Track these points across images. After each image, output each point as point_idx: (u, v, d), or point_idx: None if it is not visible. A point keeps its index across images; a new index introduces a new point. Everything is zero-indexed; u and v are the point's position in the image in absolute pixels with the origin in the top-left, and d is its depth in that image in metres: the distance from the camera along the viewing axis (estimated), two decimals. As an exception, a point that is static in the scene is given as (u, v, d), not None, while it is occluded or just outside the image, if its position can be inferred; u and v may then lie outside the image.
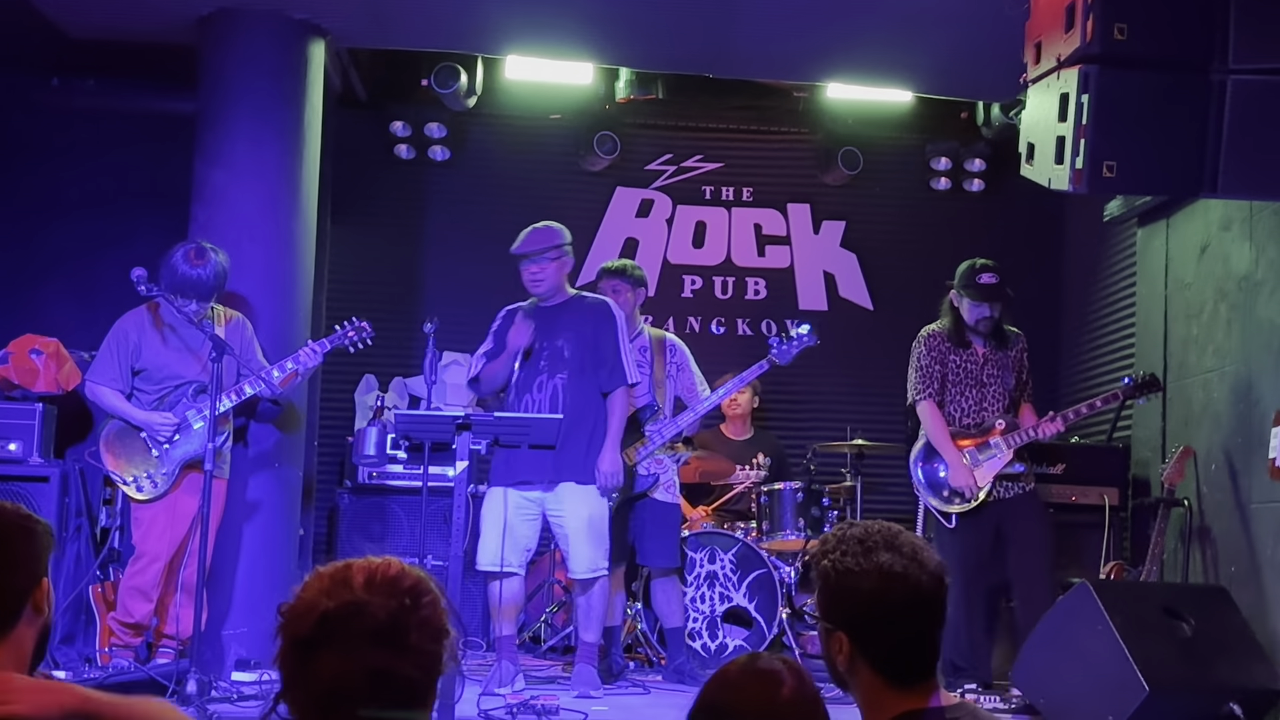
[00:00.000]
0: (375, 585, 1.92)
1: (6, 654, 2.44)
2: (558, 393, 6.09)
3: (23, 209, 8.29)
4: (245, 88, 6.62)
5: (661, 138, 9.10)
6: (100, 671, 5.57)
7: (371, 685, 1.87)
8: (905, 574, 2.35)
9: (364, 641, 1.87)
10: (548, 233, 6.26)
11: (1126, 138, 4.44)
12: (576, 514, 6.04)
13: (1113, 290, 8.25)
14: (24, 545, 2.48)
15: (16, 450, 6.25)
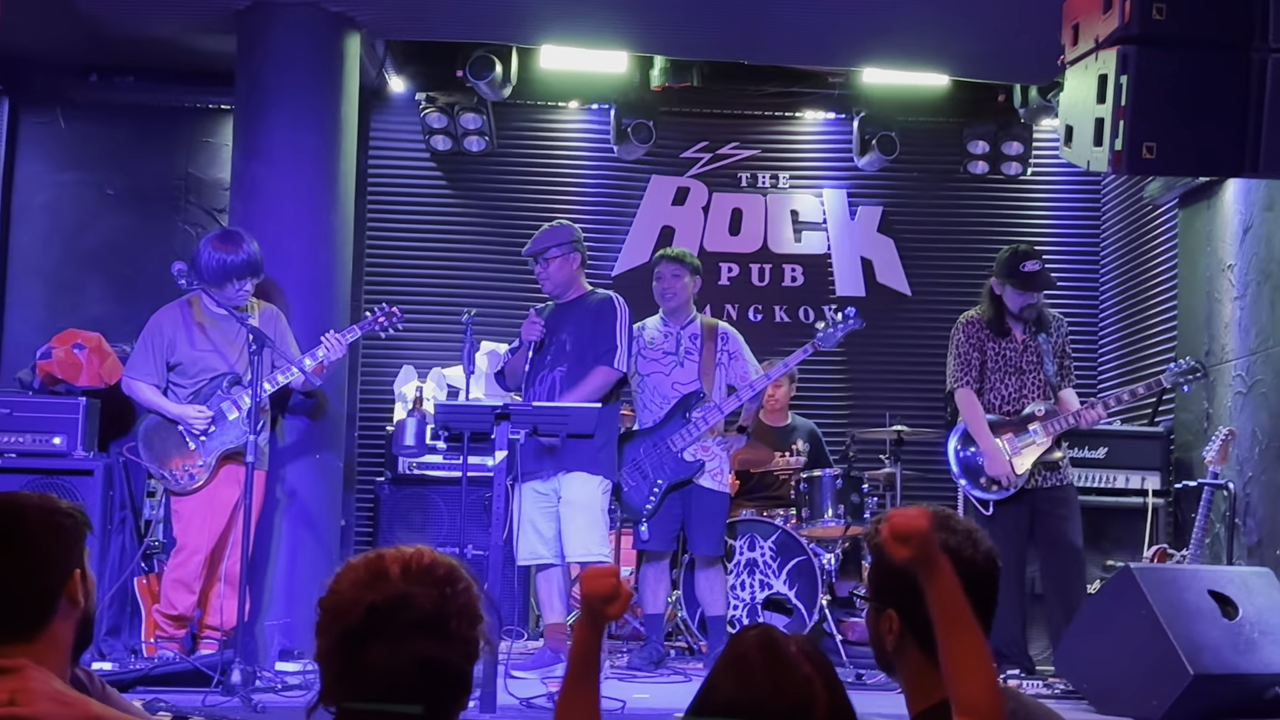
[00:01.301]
0: (413, 576, 1.93)
1: (45, 649, 2.45)
2: (555, 385, 6.17)
3: (64, 205, 8.37)
4: (282, 81, 6.64)
5: (697, 125, 9.08)
6: (146, 663, 5.62)
7: (419, 675, 1.89)
8: (959, 553, 2.34)
9: (411, 632, 1.89)
10: (550, 233, 6.38)
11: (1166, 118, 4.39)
12: (572, 500, 6.12)
13: (1154, 273, 8.18)
14: (50, 541, 2.47)
15: (61, 444, 6.30)
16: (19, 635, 2.44)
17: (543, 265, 6.31)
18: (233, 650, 5.39)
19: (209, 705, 4.90)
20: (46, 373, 6.61)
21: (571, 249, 6.31)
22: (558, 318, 6.32)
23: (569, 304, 6.35)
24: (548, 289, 6.38)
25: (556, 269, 6.30)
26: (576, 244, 6.34)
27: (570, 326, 6.26)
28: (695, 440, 6.48)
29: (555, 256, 6.28)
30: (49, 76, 8.02)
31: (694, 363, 6.60)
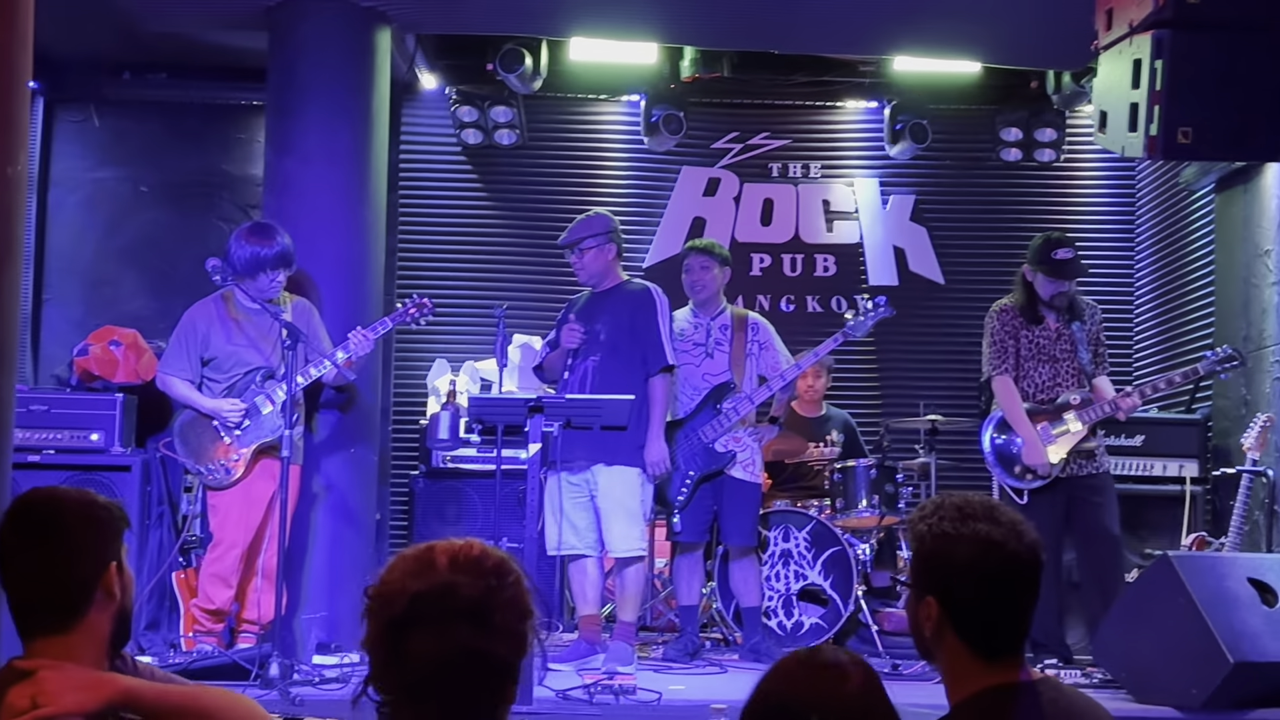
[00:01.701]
0: (460, 566, 1.93)
1: (82, 640, 2.47)
2: (588, 374, 6.17)
3: (99, 203, 8.43)
4: (314, 77, 6.67)
5: (727, 116, 9.06)
6: (185, 657, 5.65)
7: (463, 664, 1.89)
8: (1003, 544, 2.32)
9: (455, 621, 1.89)
10: (586, 223, 6.36)
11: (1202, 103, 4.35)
12: (610, 494, 6.12)
13: (1190, 259, 8.12)
14: (85, 534, 2.49)
15: (99, 440, 6.35)
16: (55, 626, 2.46)
17: (578, 255, 6.31)
18: (270, 644, 5.42)
19: (247, 699, 4.92)
20: (84, 369, 6.67)
21: (607, 239, 6.30)
22: (593, 307, 6.32)
23: (604, 294, 6.35)
24: (583, 279, 6.38)
25: (592, 259, 6.30)
26: (612, 234, 6.34)
27: (606, 317, 6.25)
28: (726, 431, 6.47)
29: (591, 247, 6.28)
30: (83, 74, 8.07)
31: (724, 354, 6.59)
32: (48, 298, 8.33)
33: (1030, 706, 2.34)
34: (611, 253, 6.33)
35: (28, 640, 2.48)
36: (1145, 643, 5.29)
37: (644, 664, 6.17)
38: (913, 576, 2.41)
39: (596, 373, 6.16)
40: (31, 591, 2.47)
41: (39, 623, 2.48)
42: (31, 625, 2.49)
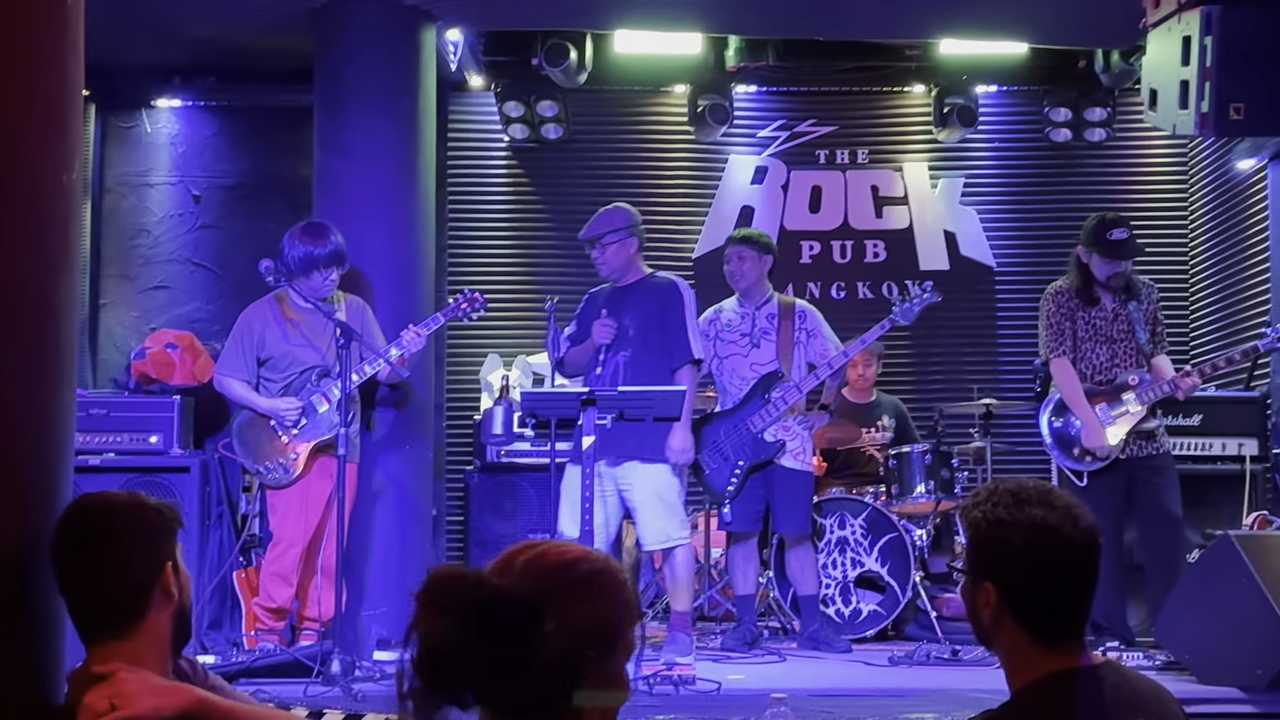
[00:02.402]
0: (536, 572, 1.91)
1: (143, 643, 2.49)
2: (619, 370, 6.12)
3: (151, 208, 8.52)
4: (360, 77, 6.71)
5: (773, 103, 9.04)
6: (247, 655, 5.71)
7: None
8: (1059, 529, 2.31)
9: (535, 629, 1.87)
10: (607, 216, 6.31)
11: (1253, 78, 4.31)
12: (643, 488, 6.09)
13: (1246, 236, 8.03)
14: (138, 537, 2.51)
15: (157, 442, 6.41)
16: (115, 630, 2.48)
17: (600, 250, 6.26)
18: (331, 641, 5.47)
19: (310, 695, 4.97)
20: (141, 373, 6.74)
21: (629, 233, 6.25)
22: (617, 302, 6.27)
23: (628, 288, 6.30)
24: (604, 273, 6.32)
25: (614, 254, 6.25)
26: (634, 228, 6.29)
27: (633, 312, 6.21)
28: (775, 420, 6.45)
29: (613, 241, 6.23)
30: (133, 81, 8.16)
31: (771, 343, 6.57)
32: (104, 303, 8.44)
33: (1092, 691, 2.32)
34: (633, 247, 6.28)
35: (89, 644, 2.50)
36: (1208, 624, 5.25)
37: (702, 654, 6.17)
38: (969, 563, 2.40)
39: (628, 368, 6.12)
40: (89, 597, 2.50)
41: (99, 627, 2.50)
42: (92, 630, 2.51)
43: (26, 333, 2.49)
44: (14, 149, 2.47)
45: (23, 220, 2.48)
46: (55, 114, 2.59)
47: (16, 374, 2.46)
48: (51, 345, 2.56)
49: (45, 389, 2.54)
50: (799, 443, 6.53)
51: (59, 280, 2.58)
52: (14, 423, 2.46)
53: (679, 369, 6.17)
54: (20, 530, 2.47)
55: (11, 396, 2.45)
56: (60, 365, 2.59)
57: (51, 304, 2.56)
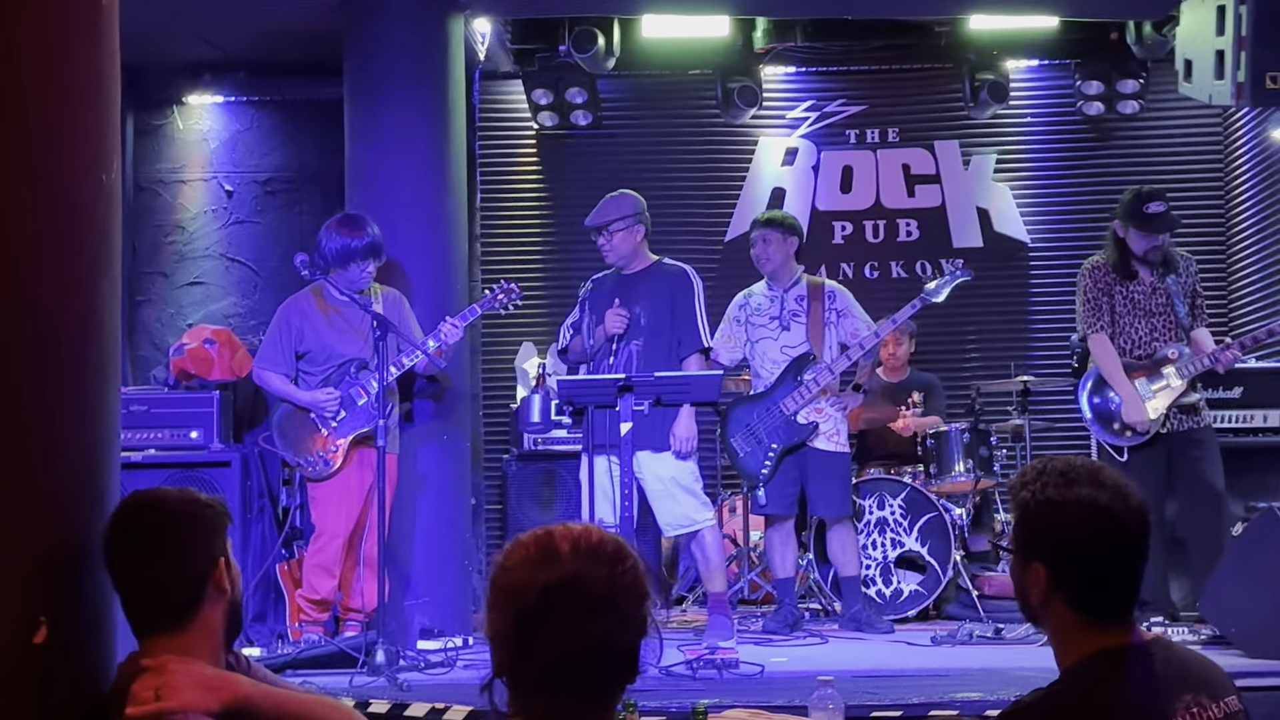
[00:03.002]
0: (583, 554, 1.94)
1: (197, 637, 2.52)
2: (632, 358, 6.11)
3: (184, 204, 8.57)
4: (389, 68, 6.71)
5: (802, 84, 9.00)
6: (293, 647, 5.74)
7: (593, 654, 1.91)
8: (1109, 508, 2.30)
9: (584, 612, 1.90)
10: (614, 203, 6.30)
11: (1290, 46, 4.26)
12: (656, 476, 6.09)
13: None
14: (191, 533, 2.54)
15: (198, 437, 6.46)
16: (170, 626, 2.51)
17: (606, 237, 6.23)
18: (375, 631, 5.50)
19: (356, 686, 5.00)
20: (180, 369, 6.78)
21: (636, 220, 6.23)
22: (625, 290, 6.23)
23: (636, 276, 6.27)
24: (611, 260, 6.29)
25: (620, 241, 6.23)
26: (640, 215, 6.26)
27: (644, 300, 6.18)
28: (807, 403, 6.41)
29: (619, 229, 6.21)
30: (164, 78, 8.20)
31: (801, 325, 6.52)
32: (140, 299, 8.50)
33: (1143, 667, 2.31)
34: (640, 234, 6.26)
35: (143, 639, 2.53)
36: (1253, 597, 5.21)
37: (744, 637, 6.17)
38: (1017, 543, 2.39)
39: (641, 357, 6.10)
40: (144, 594, 2.52)
41: (153, 623, 2.53)
42: (146, 625, 2.54)
43: (72, 335, 2.51)
44: (54, 151, 2.48)
45: (64, 222, 2.50)
46: (93, 115, 2.61)
47: (63, 375, 2.48)
48: (95, 346, 2.58)
49: (91, 389, 2.57)
50: (832, 424, 6.49)
51: (101, 281, 2.60)
52: (61, 423, 2.48)
53: (687, 357, 6.16)
54: (70, 528, 2.49)
55: (58, 397, 2.47)
56: (105, 365, 2.61)
57: (95, 305, 2.58)
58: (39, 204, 2.45)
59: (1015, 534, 2.39)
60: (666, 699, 4.53)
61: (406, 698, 4.75)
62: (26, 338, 2.41)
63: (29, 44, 2.45)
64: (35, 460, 2.41)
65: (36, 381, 2.43)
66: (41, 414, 2.43)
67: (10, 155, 2.40)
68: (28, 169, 2.43)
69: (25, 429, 2.40)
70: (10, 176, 2.40)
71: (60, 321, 2.48)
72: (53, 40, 2.50)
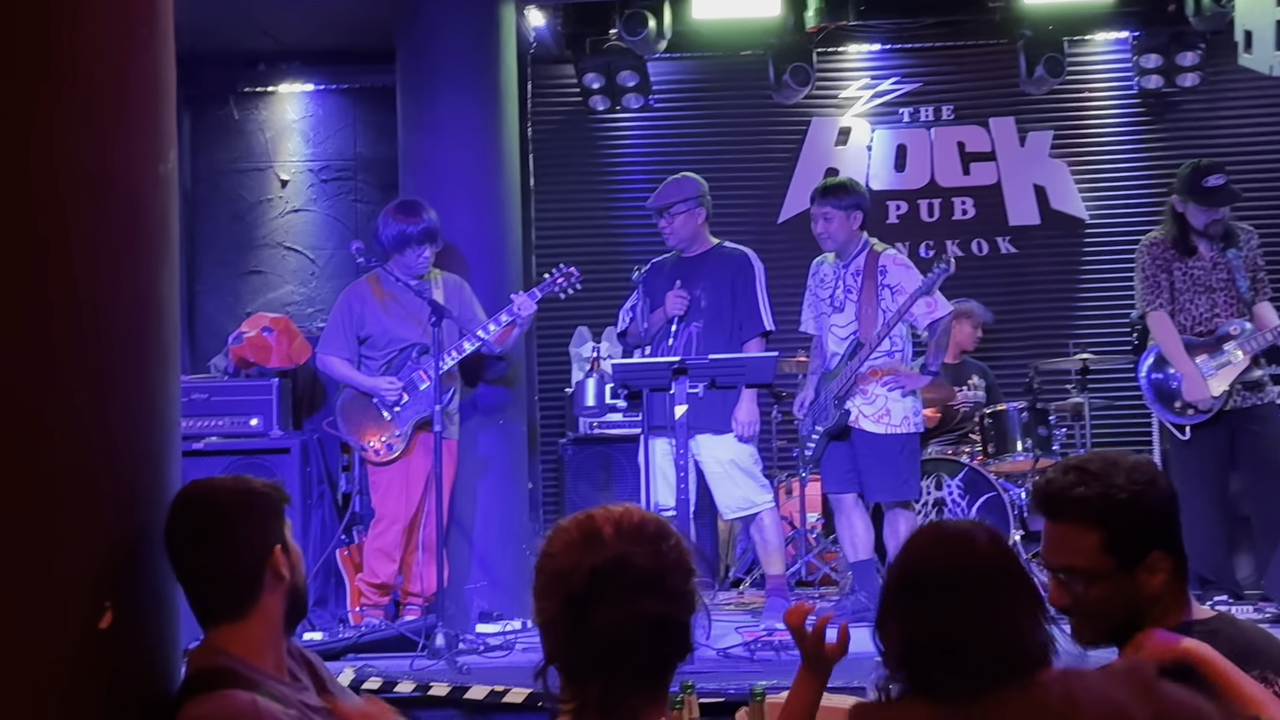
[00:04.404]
0: (626, 535, 1.95)
1: (258, 624, 2.55)
2: (692, 340, 6.08)
3: (242, 193, 8.65)
4: (442, 54, 6.73)
5: (855, 63, 8.94)
6: (354, 631, 5.80)
7: (644, 633, 1.91)
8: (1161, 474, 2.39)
9: (634, 591, 1.91)
10: (676, 186, 6.26)
11: (1354, 14, 4.19)
12: (716, 458, 6.05)
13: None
14: (244, 521, 2.56)
15: (258, 425, 6.52)
16: (231, 614, 2.53)
17: (668, 219, 6.21)
18: (435, 615, 5.54)
19: (416, 669, 5.04)
20: (239, 356, 6.85)
21: (697, 203, 6.20)
22: (686, 273, 6.20)
23: (697, 258, 6.25)
24: (672, 243, 6.28)
25: (682, 224, 6.21)
26: (702, 198, 6.23)
27: (705, 283, 6.15)
28: (847, 386, 6.12)
29: (681, 211, 6.19)
30: (220, 69, 8.27)
31: (854, 303, 6.21)
32: (200, 289, 8.58)
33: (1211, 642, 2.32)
34: (701, 216, 6.23)
35: (207, 627, 2.56)
36: (1320, 575, 5.15)
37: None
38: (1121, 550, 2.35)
39: (701, 339, 6.08)
40: (202, 584, 2.55)
41: (215, 612, 2.55)
42: (208, 614, 2.56)
43: (130, 324, 2.54)
44: (111, 142, 2.51)
45: (122, 212, 2.53)
46: (149, 106, 2.63)
47: (122, 364, 2.51)
48: (154, 335, 2.60)
49: (151, 378, 2.59)
50: (881, 404, 6.13)
51: (160, 271, 2.62)
52: (121, 412, 2.51)
53: (749, 340, 6.12)
54: (132, 516, 2.52)
55: (118, 386, 2.50)
56: (164, 354, 2.64)
57: (153, 295, 2.60)
58: (96, 194, 2.47)
59: (1118, 538, 2.35)
60: (724, 681, 4.54)
61: (466, 681, 4.79)
62: (86, 328, 2.44)
63: (86, 35, 2.47)
64: (96, 449, 2.44)
65: (96, 371, 2.46)
66: (101, 403, 2.46)
67: (67, 146, 2.42)
68: (85, 160, 2.45)
69: (85, 418, 2.42)
70: (68, 167, 2.42)
71: (119, 311, 2.51)
72: (109, 31, 2.53)
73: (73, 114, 2.43)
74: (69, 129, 2.42)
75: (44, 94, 2.38)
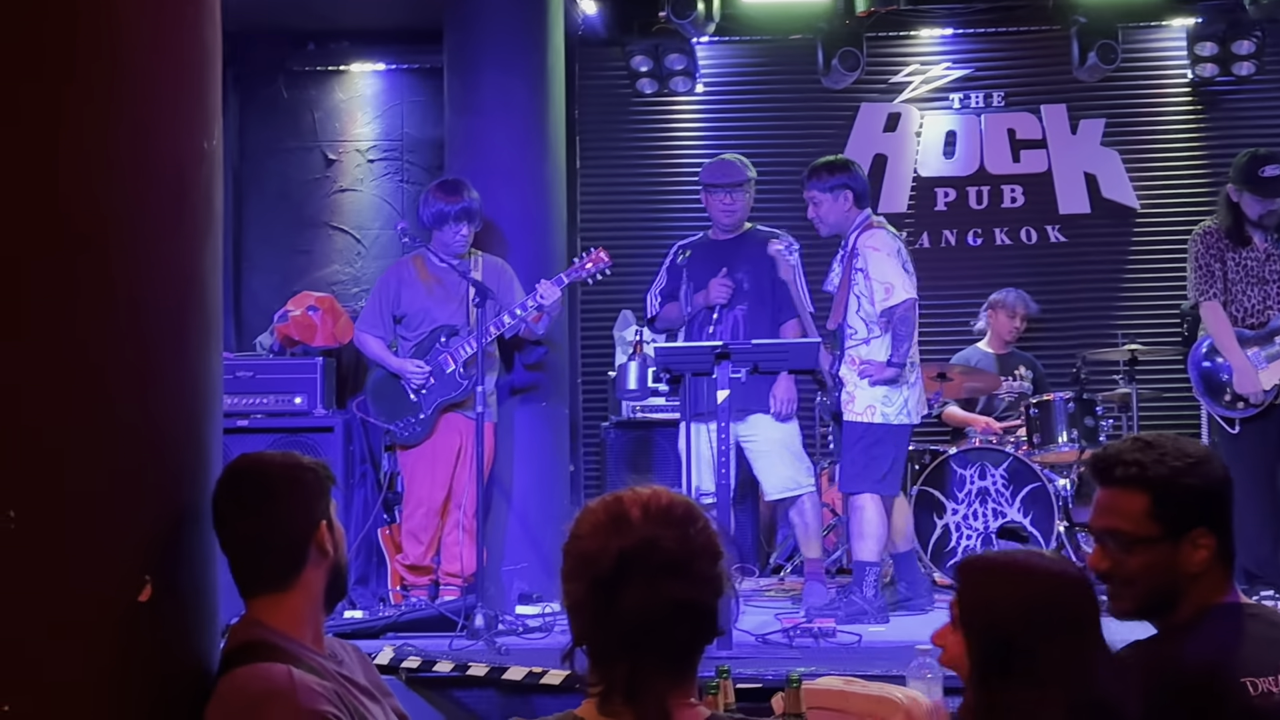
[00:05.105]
0: (654, 517, 1.94)
1: (299, 598, 2.57)
2: (738, 324, 6.07)
3: (289, 172, 8.68)
4: (489, 35, 6.73)
5: (905, 48, 8.86)
6: (394, 610, 5.83)
7: (672, 615, 1.91)
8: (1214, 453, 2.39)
9: (661, 574, 1.90)
10: (737, 166, 6.27)
11: None
12: (766, 437, 6.03)
13: None
14: (292, 494, 2.59)
15: (302, 403, 6.55)
16: (274, 586, 2.57)
17: (733, 197, 6.22)
18: (475, 596, 5.56)
19: (455, 649, 5.06)
20: (284, 335, 6.88)
21: (751, 185, 6.29)
22: (726, 256, 6.18)
23: (734, 241, 6.25)
24: (730, 221, 6.24)
25: (744, 204, 6.28)
26: (754, 182, 6.34)
27: (746, 266, 6.14)
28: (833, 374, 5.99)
29: (746, 191, 6.26)
30: (269, 48, 8.30)
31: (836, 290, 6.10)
32: (246, 267, 8.63)
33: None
34: (751, 200, 6.33)
35: (249, 598, 2.60)
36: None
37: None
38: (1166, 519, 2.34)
39: (746, 322, 6.08)
40: (247, 554, 2.58)
41: (257, 583, 2.59)
42: (250, 585, 2.60)
43: (174, 301, 2.54)
44: (156, 117, 2.51)
45: (167, 188, 2.53)
46: (195, 82, 2.63)
47: (164, 340, 2.52)
48: (198, 311, 2.61)
49: (193, 354, 2.60)
50: (850, 391, 5.90)
51: (204, 247, 2.63)
52: (163, 387, 2.52)
53: (786, 322, 6.12)
54: (172, 491, 2.54)
55: (160, 362, 2.51)
56: (207, 330, 2.65)
57: (197, 272, 2.61)
58: (141, 170, 2.48)
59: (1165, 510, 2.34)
60: (762, 666, 4.53)
61: (504, 661, 4.80)
62: (130, 304, 2.45)
63: (130, 10, 2.47)
64: (138, 425, 2.45)
65: (139, 346, 2.47)
66: (144, 378, 2.47)
67: (112, 122, 2.43)
68: (129, 136, 2.46)
69: (127, 393, 2.44)
70: (113, 143, 2.43)
71: (162, 288, 2.52)
72: (153, 6, 2.53)
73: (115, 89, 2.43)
74: (110, 105, 2.42)
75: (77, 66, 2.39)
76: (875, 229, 5.97)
